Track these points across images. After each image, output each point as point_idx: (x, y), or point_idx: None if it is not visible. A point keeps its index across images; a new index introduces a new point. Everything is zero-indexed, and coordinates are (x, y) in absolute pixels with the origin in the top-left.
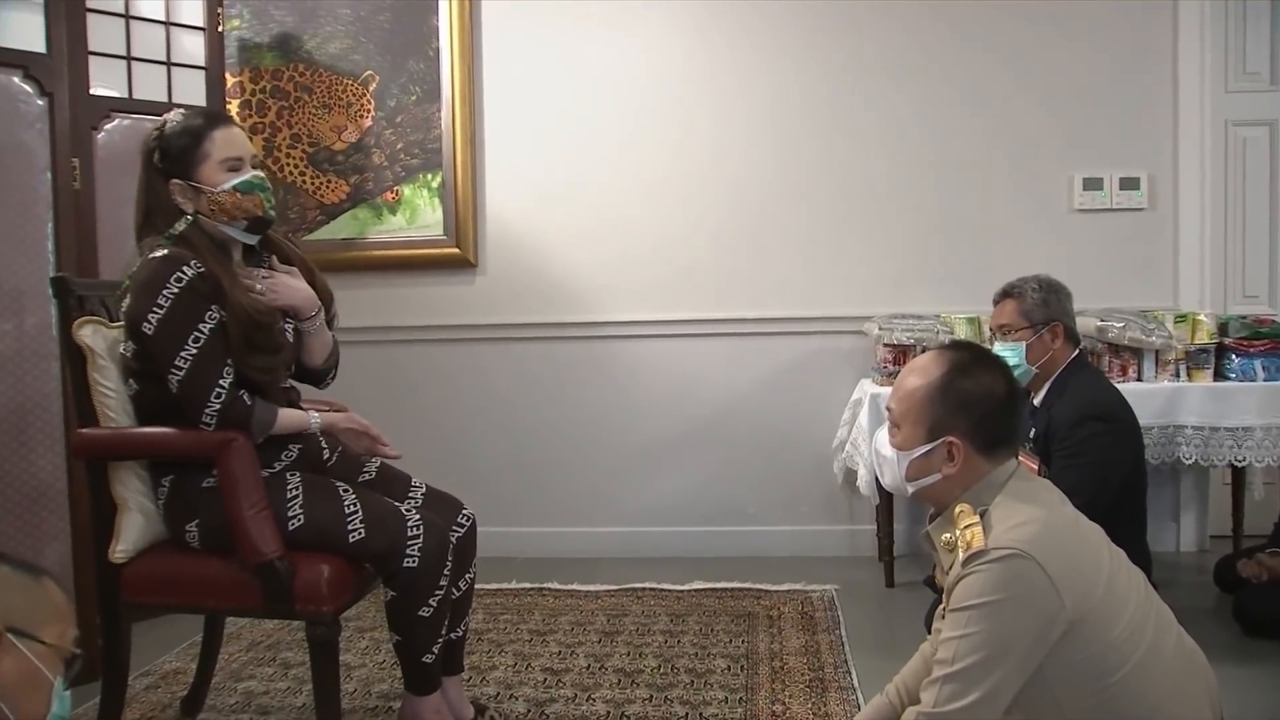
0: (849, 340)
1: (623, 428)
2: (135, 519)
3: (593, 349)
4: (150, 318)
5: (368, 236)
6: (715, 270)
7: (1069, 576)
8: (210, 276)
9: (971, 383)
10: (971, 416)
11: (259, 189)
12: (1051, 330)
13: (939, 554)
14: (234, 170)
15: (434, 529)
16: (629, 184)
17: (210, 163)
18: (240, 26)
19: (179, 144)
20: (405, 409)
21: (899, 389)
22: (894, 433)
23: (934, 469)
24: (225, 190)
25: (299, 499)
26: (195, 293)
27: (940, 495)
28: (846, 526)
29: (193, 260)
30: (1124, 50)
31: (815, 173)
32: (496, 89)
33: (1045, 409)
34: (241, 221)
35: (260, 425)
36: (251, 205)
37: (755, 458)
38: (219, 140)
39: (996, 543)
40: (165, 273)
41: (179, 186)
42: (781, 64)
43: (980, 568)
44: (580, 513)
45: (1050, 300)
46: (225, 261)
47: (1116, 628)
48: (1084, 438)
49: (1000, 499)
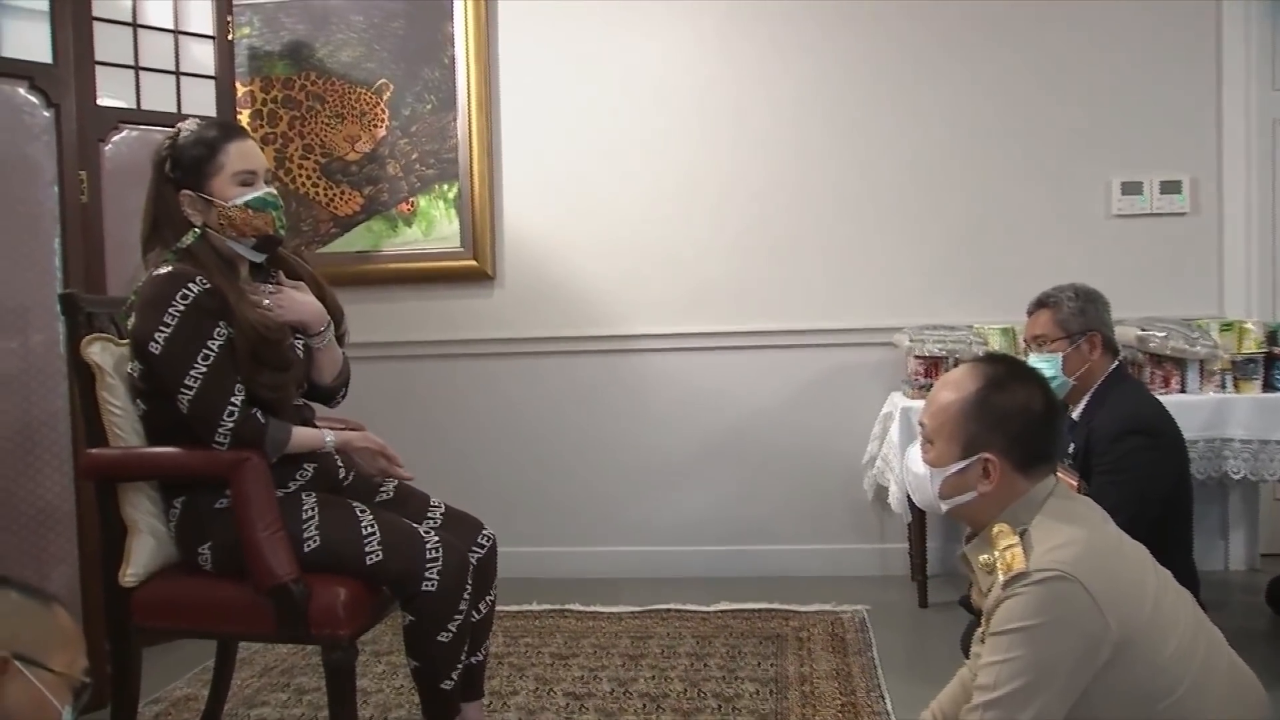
0: (878, 352)
1: (645, 444)
2: (146, 541)
3: (613, 363)
4: (157, 337)
5: (382, 249)
6: (738, 281)
7: (1114, 598)
8: (217, 293)
9: (1007, 397)
10: (1008, 432)
11: (271, 207)
12: (1089, 340)
13: (977, 575)
14: (247, 185)
15: (453, 550)
16: (649, 193)
17: (223, 175)
18: (250, 35)
19: (192, 154)
20: (421, 426)
21: (932, 404)
22: (927, 449)
23: (969, 487)
24: (236, 205)
25: (314, 520)
26: (202, 310)
27: (976, 514)
28: (877, 545)
29: (198, 276)
30: (1164, 48)
31: (841, 179)
32: (513, 97)
33: (1084, 423)
34: (250, 239)
35: (274, 444)
36: (262, 223)
37: (782, 474)
38: (233, 153)
39: (1038, 564)
40: (170, 290)
41: (189, 198)
42: (804, 68)
43: (1022, 590)
44: (602, 532)
45: (1087, 309)
46: (232, 277)
47: (1166, 650)
48: (1125, 453)
49: (1040, 518)
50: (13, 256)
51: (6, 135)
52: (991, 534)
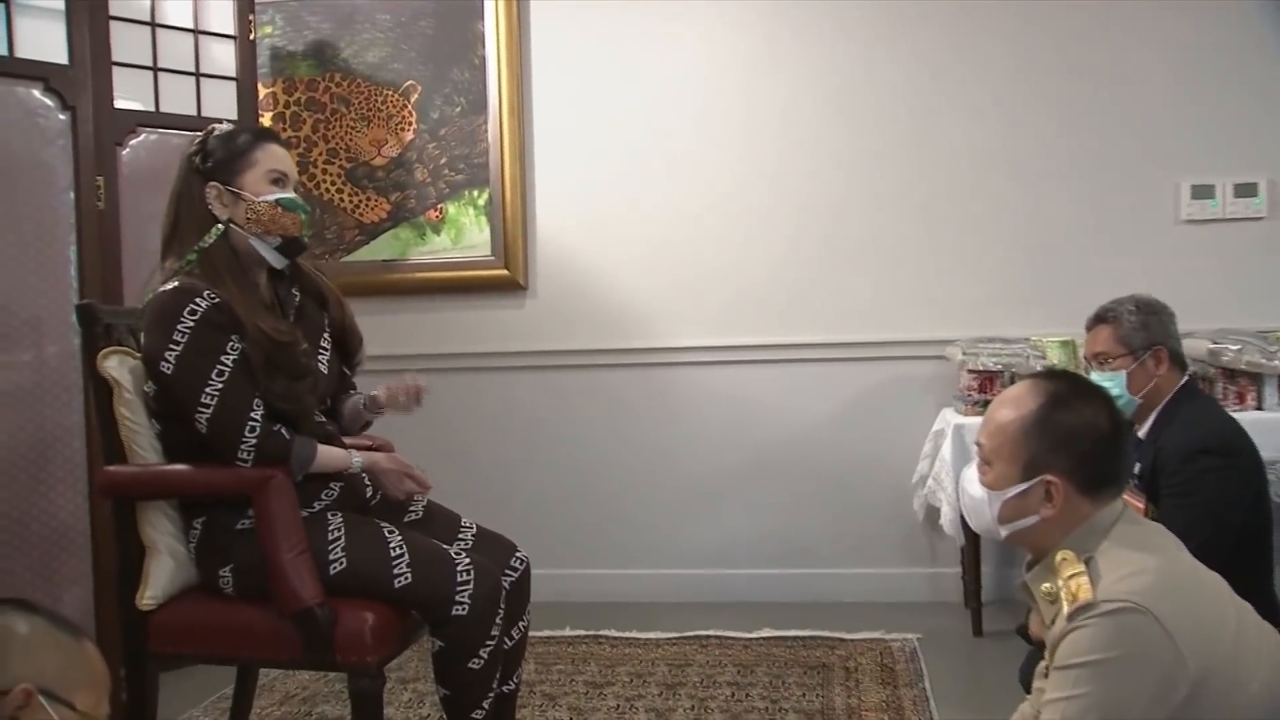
0: (929, 366)
1: (683, 462)
2: (165, 563)
3: (651, 377)
4: (168, 355)
5: (410, 258)
6: (781, 291)
7: (1190, 631)
8: (225, 306)
9: (1071, 415)
10: (1072, 453)
11: (300, 209)
12: (1154, 356)
13: (1039, 605)
14: (277, 184)
15: (485, 573)
16: (689, 199)
17: (256, 171)
18: (273, 34)
19: (226, 148)
20: (449, 442)
21: (989, 422)
22: (984, 470)
23: (1030, 511)
24: (267, 201)
25: (341, 541)
26: (212, 324)
27: (1038, 540)
28: (928, 569)
29: (205, 291)
30: (1236, 43)
31: (891, 184)
32: (547, 99)
33: (1152, 442)
34: (276, 238)
35: (300, 461)
36: (290, 223)
37: (827, 494)
38: (269, 152)
39: (1106, 594)
40: (177, 306)
41: (217, 191)
42: (852, 68)
43: (1088, 622)
44: (637, 554)
45: (1150, 323)
46: (245, 283)
47: (1248, 689)
48: (1196, 474)
49: (1107, 545)
50: (27, 265)
51: (21, 139)
52: (1054, 561)
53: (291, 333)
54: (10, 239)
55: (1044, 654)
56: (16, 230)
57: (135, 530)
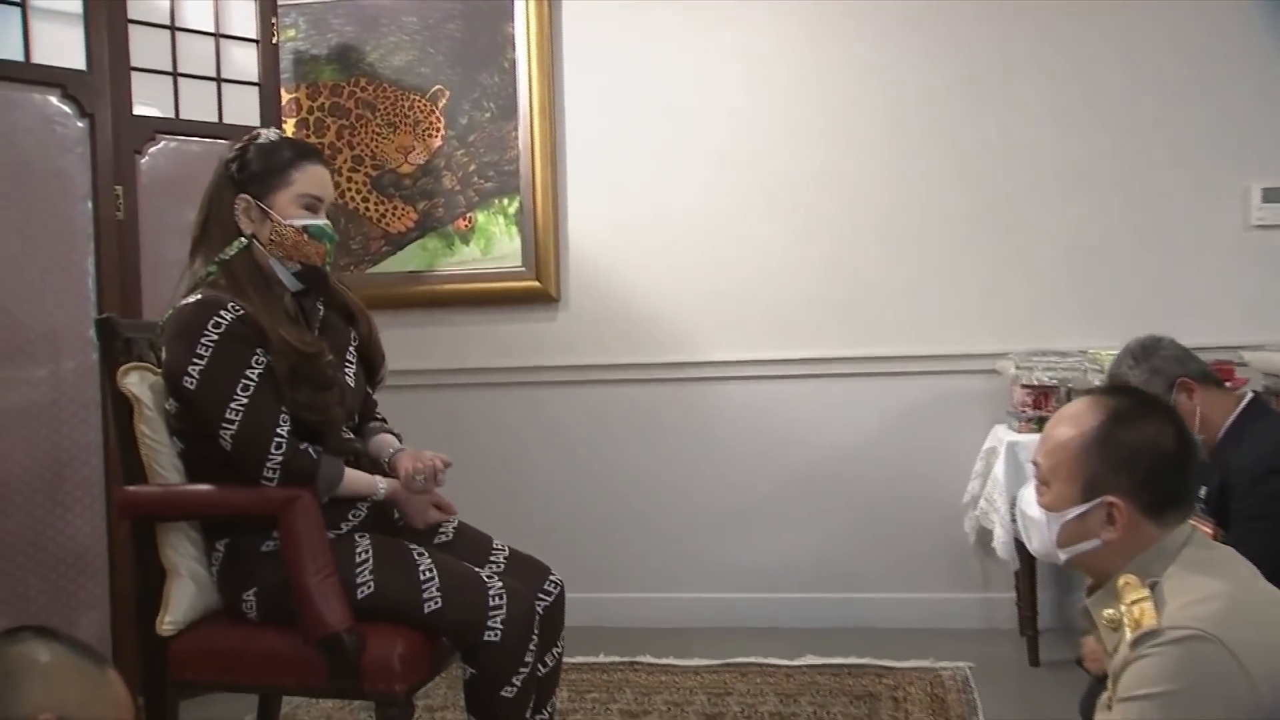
0: (979, 381)
1: (722, 481)
2: (186, 587)
3: (688, 392)
4: (191, 370)
5: (437, 269)
6: (823, 303)
7: (1263, 661)
8: (250, 319)
9: (1134, 433)
10: (1135, 473)
11: (327, 239)
12: (1181, 391)
13: (1100, 632)
14: (309, 209)
15: (519, 598)
16: (727, 208)
17: (289, 192)
18: (296, 38)
19: (264, 161)
20: (477, 460)
21: (1047, 440)
22: (1042, 491)
23: (1091, 534)
24: (293, 226)
25: (369, 564)
26: (236, 337)
27: (1100, 564)
28: (980, 594)
29: (230, 303)
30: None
31: (939, 189)
32: (579, 103)
33: (1218, 463)
34: (295, 265)
35: (327, 482)
36: (313, 252)
37: (873, 515)
38: (308, 174)
39: (1173, 621)
40: (200, 319)
41: (246, 204)
42: (899, 71)
43: (1154, 650)
44: (675, 577)
45: (1158, 365)
46: (268, 295)
47: None
48: (1269, 494)
49: (1173, 569)
50: (44, 278)
51: (38, 147)
52: (1117, 586)
53: (318, 344)
54: (27, 250)
55: (1105, 685)
56: (33, 241)
57: (155, 553)
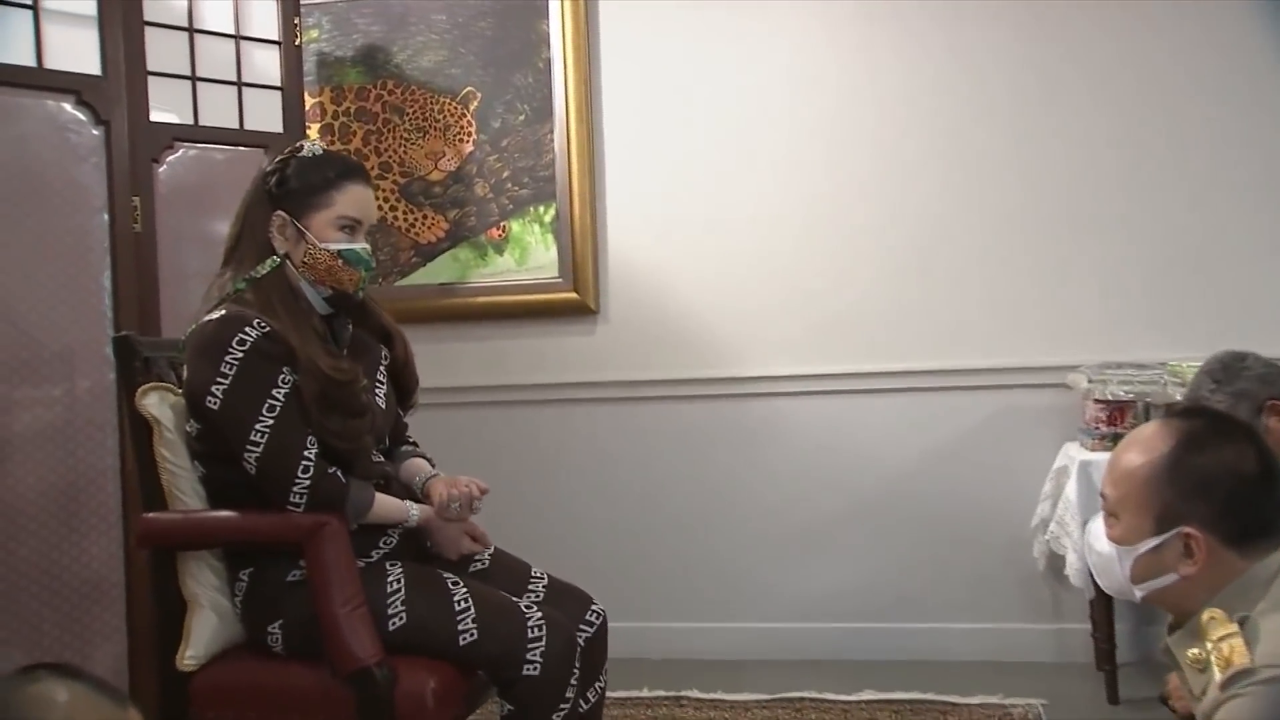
0: (1049, 395)
1: (773, 504)
2: (208, 619)
3: (735, 409)
4: (214, 390)
5: (470, 280)
6: (880, 312)
7: None
8: (277, 336)
9: (1209, 458)
10: (1213, 501)
11: (364, 265)
12: (1272, 415)
13: (1185, 673)
14: (346, 231)
15: (559, 629)
16: (775, 212)
17: (328, 214)
18: (320, 39)
19: (304, 179)
20: (513, 483)
21: (1115, 468)
22: (1111, 523)
23: (1168, 568)
24: (328, 250)
25: (400, 594)
26: (262, 355)
27: (1180, 601)
28: (1052, 625)
29: (256, 319)
30: None
31: (1002, 191)
32: (618, 105)
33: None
34: (327, 289)
35: (356, 508)
36: (346, 279)
37: (935, 539)
38: (350, 195)
39: (1268, 659)
40: (225, 336)
41: (282, 222)
42: (957, 69)
43: (1247, 691)
44: (723, 605)
45: (1241, 388)
46: (298, 313)
47: None
48: None
49: (1265, 604)
50: (59, 294)
51: (52, 157)
52: (1201, 623)
53: (352, 370)
54: (40, 265)
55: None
56: (47, 255)
57: (175, 583)
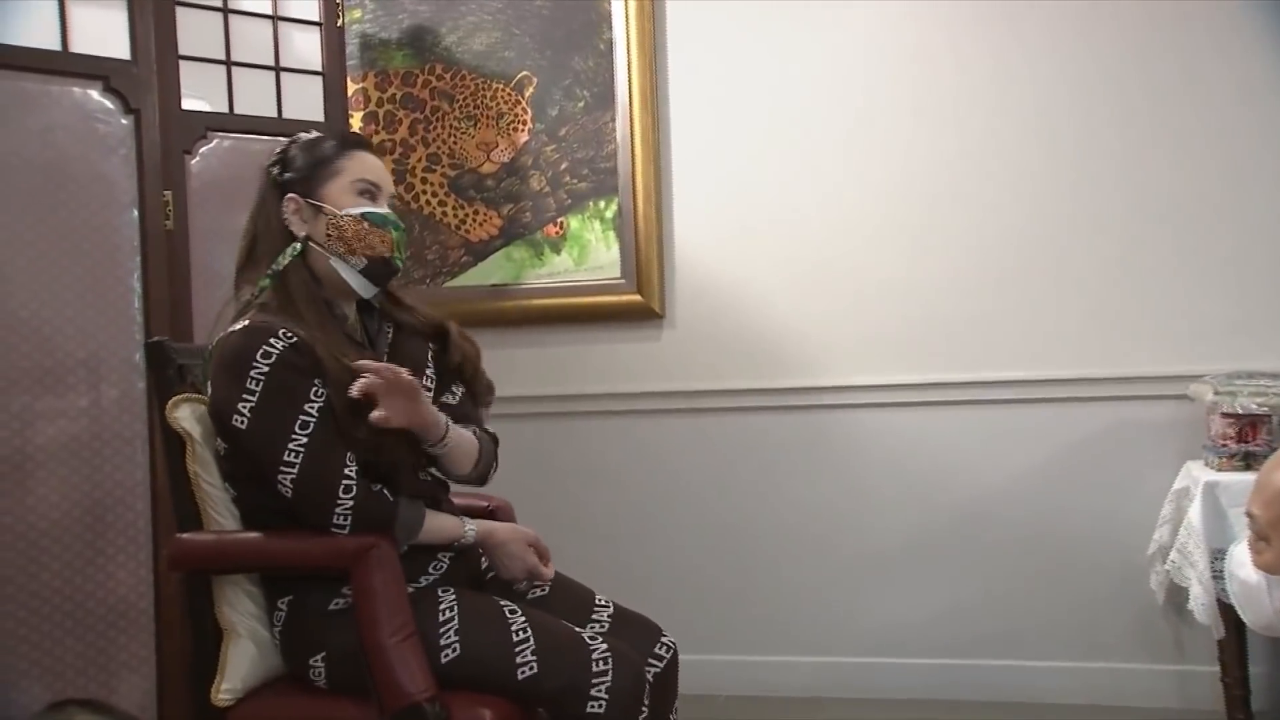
0: (1167, 408)
1: (856, 526)
2: (245, 649)
3: (814, 423)
4: (241, 409)
5: (525, 281)
6: (972, 319)
7: None
8: (304, 346)
9: None
10: None
11: (392, 226)
12: None
13: None
14: (366, 195)
15: (626, 662)
16: (856, 206)
17: (341, 181)
18: (363, 19)
19: (308, 155)
20: (573, 502)
21: (1265, 488)
22: (1260, 549)
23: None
24: (350, 215)
25: (454, 623)
26: (291, 368)
27: None
28: (1173, 666)
29: (281, 330)
30: None
31: (1114, 181)
32: (686, 90)
33: None
34: (360, 259)
35: (406, 527)
36: (378, 241)
37: (1035, 567)
38: (357, 160)
39: None
40: (249, 349)
41: (296, 204)
42: (1058, 42)
43: None
44: (801, 637)
45: None
46: (325, 314)
47: None
48: None
49: None
50: (85, 297)
51: (78, 148)
52: None
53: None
54: (65, 265)
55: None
56: (72, 255)
57: (210, 610)
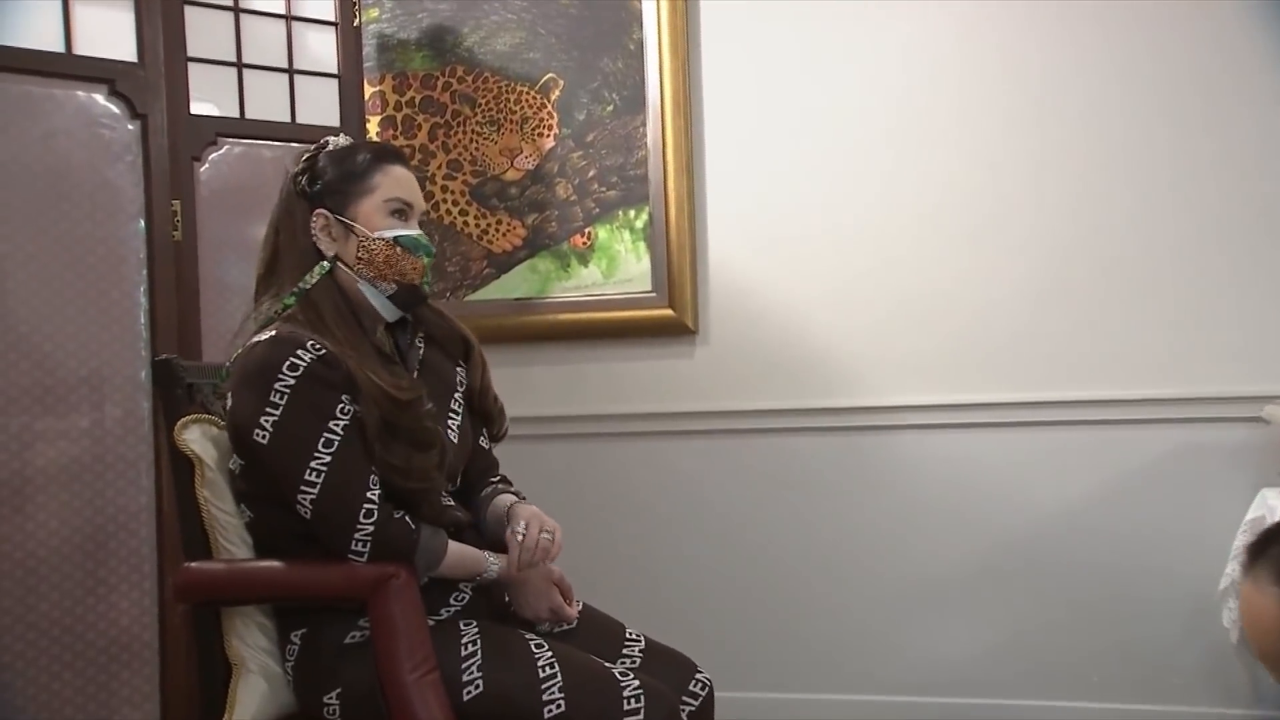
0: (1240, 431)
1: (897, 556)
2: (255, 685)
3: (855, 446)
4: (263, 423)
5: (550, 295)
6: (1021, 334)
7: None
8: (333, 359)
9: None
10: None
11: (424, 252)
12: None
13: None
14: (399, 216)
15: (659, 700)
16: (900, 217)
17: (373, 199)
18: (380, 19)
19: (339, 167)
20: (601, 528)
21: None
22: None
23: None
24: (383, 238)
25: (477, 658)
26: (318, 382)
27: None
28: (1248, 711)
29: (310, 341)
30: None
31: (1172, 187)
32: (720, 93)
33: None
34: (390, 285)
35: (428, 557)
36: (410, 268)
37: (1096, 601)
38: (392, 176)
39: None
40: (275, 360)
41: (325, 220)
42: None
43: None
44: (841, 674)
45: None
46: (357, 332)
47: None
48: None
49: None
50: (88, 312)
51: (83, 155)
52: None
53: (415, 389)
54: (68, 278)
55: None
56: (76, 267)
57: (218, 643)
